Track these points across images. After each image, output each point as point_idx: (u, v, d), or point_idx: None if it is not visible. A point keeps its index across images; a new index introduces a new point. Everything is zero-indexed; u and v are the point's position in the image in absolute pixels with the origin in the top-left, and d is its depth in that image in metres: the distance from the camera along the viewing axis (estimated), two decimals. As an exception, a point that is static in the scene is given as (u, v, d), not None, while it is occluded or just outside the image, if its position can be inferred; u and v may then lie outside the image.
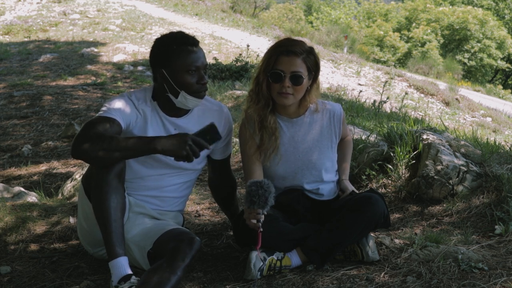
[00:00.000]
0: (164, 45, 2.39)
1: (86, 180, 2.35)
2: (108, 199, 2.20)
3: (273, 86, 2.49)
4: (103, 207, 2.20)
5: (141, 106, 2.43)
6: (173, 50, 2.35)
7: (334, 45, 22.48)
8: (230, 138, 2.70)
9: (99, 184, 2.21)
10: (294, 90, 2.47)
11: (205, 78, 2.40)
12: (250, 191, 2.24)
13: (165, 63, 2.37)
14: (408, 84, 14.74)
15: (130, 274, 2.13)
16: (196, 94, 2.40)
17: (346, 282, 2.31)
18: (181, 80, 2.36)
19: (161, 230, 2.32)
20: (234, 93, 7.54)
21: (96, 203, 2.23)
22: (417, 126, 4.38)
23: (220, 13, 21.33)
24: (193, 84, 2.37)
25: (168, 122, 2.48)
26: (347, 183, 2.73)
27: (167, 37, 2.42)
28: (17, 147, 5.58)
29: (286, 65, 2.45)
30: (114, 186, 2.22)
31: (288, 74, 2.45)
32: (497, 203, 2.98)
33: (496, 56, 31.43)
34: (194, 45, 2.39)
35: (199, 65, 2.37)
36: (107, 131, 2.22)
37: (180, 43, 2.37)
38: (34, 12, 18.37)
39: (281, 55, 2.46)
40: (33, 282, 2.47)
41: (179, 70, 2.36)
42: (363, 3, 40.42)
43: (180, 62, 2.35)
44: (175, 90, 2.38)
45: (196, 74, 2.38)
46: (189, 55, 2.36)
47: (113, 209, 2.20)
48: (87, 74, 9.86)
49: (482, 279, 2.23)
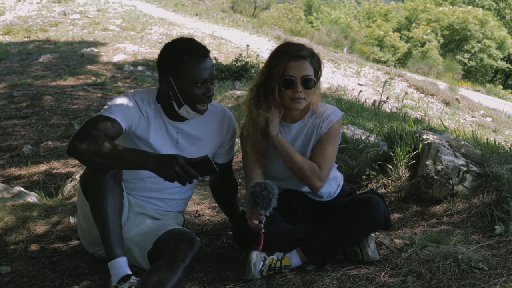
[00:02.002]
0: (175, 54, 2.36)
1: (83, 180, 2.34)
2: (105, 200, 2.20)
3: (284, 92, 2.47)
4: (100, 208, 2.20)
5: (145, 108, 2.42)
6: (183, 60, 2.33)
7: (334, 45, 22.48)
8: (233, 142, 2.69)
9: (96, 185, 2.21)
10: (305, 94, 2.47)
11: (211, 91, 2.39)
12: (253, 192, 2.23)
13: (174, 71, 2.36)
14: (408, 84, 14.74)
15: (130, 274, 2.13)
16: (199, 106, 2.39)
17: (346, 282, 2.31)
18: (188, 91, 2.35)
19: (161, 230, 2.32)
20: (234, 93, 7.53)
21: (93, 204, 2.23)
22: (417, 126, 4.38)
23: (220, 13, 21.31)
24: (199, 96, 2.36)
25: (171, 126, 2.47)
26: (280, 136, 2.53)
27: (178, 45, 2.39)
28: (17, 147, 5.58)
29: (296, 70, 2.44)
30: (111, 186, 2.21)
31: (299, 79, 2.45)
32: (497, 203, 2.98)
33: (496, 56, 31.42)
34: (204, 56, 2.37)
35: (207, 77, 2.36)
36: (107, 131, 2.21)
37: (191, 53, 2.34)
38: (34, 12, 18.36)
39: (289, 61, 2.45)
40: (33, 282, 2.47)
41: (187, 81, 2.34)
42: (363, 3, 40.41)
43: (189, 74, 2.33)
44: (180, 100, 2.38)
45: (203, 86, 2.36)
46: (198, 66, 2.34)
47: (110, 210, 2.19)
48: (87, 74, 9.86)
49: (482, 279, 2.23)
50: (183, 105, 2.38)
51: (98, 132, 2.17)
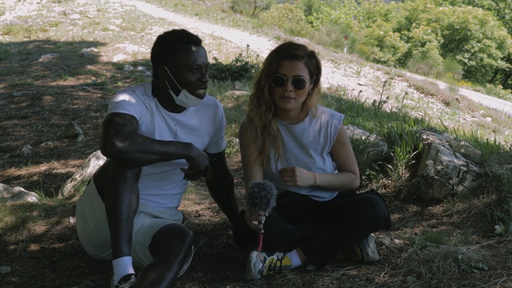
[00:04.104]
0: (168, 42, 2.41)
1: (100, 179, 2.35)
2: (123, 197, 2.20)
3: (275, 90, 2.49)
4: (117, 204, 2.19)
5: (147, 101, 2.44)
6: (177, 47, 2.38)
7: (334, 45, 22.47)
8: (223, 133, 2.75)
9: (115, 182, 2.21)
10: (296, 94, 2.47)
11: (206, 77, 2.44)
12: (252, 192, 2.24)
13: (168, 60, 2.40)
14: (408, 84, 14.75)
15: (131, 274, 2.13)
16: (197, 92, 2.42)
17: (346, 282, 2.31)
18: (183, 77, 2.39)
19: (157, 227, 2.33)
20: (234, 93, 7.54)
21: (110, 199, 2.22)
22: (417, 126, 4.38)
23: (220, 13, 21.31)
24: (194, 82, 2.40)
25: (169, 117, 2.49)
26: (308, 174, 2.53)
27: (170, 35, 2.45)
28: (17, 147, 5.58)
29: (288, 69, 2.45)
30: (130, 184, 2.22)
31: (290, 78, 2.45)
32: (497, 203, 2.98)
33: (496, 56, 31.44)
34: (197, 44, 2.43)
35: (201, 64, 2.41)
36: (132, 127, 2.23)
37: (184, 41, 2.40)
38: (34, 12, 18.36)
39: (283, 59, 2.46)
40: (33, 282, 2.47)
41: (181, 67, 2.38)
42: (363, 3, 40.43)
43: (183, 60, 2.38)
44: (177, 87, 2.40)
45: (197, 72, 2.41)
46: (192, 53, 2.39)
47: (126, 208, 2.19)
48: (87, 74, 9.86)
49: (482, 279, 2.23)
50: (181, 90, 2.40)
51: (128, 129, 2.19)
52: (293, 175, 2.48)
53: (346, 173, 2.65)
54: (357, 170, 2.68)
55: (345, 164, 2.66)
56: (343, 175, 2.65)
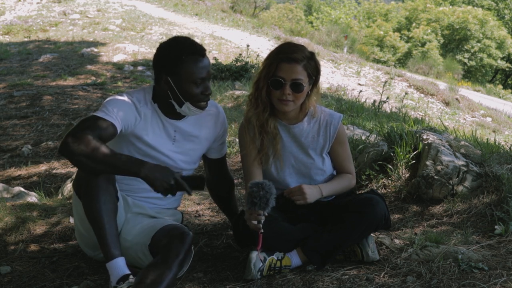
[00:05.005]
0: (173, 53, 2.36)
1: (76, 183, 2.33)
2: (98, 201, 2.19)
3: (273, 92, 2.48)
4: (94, 210, 2.19)
5: (142, 109, 2.42)
6: (181, 60, 2.34)
7: (334, 45, 22.47)
8: (225, 138, 2.73)
9: (88, 187, 2.21)
10: (294, 97, 2.47)
11: (209, 89, 2.42)
12: (251, 192, 2.24)
13: (172, 71, 2.36)
14: (408, 84, 14.75)
15: (128, 274, 2.13)
16: (199, 104, 2.41)
17: (346, 282, 2.31)
18: (187, 90, 2.37)
19: (157, 227, 2.33)
20: (234, 93, 7.54)
21: (86, 206, 2.22)
22: (417, 126, 4.38)
23: (220, 13, 21.31)
24: (197, 95, 2.39)
25: (169, 124, 2.48)
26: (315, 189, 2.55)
27: (175, 45, 2.40)
28: (17, 147, 5.58)
29: (287, 72, 2.44)
30: (103, 188, 2.21)
31: (288, 81, 2.44)
32: (497, 203, 2.98)
33: (496, 56, 31.44)
34: (202, 55, 2.39)
35: (205, 76, 2.38)
36: (102, 134, 2.19)
37: (189, 52, 2.35)
38: (34, 12, 18.36)
39: (282, 62, 2.45)
40: (33, 282, 2.48)
41: (185, 80, 2.35)
42: (363, 3, 40.41)
43: (188, 73, 2.35)
44: (180, 99, 2.39)
45: (201, 85, 2.39)
46: (197, 65, 2.36)
47: (104, 211, 2.19)
48: (87, 74, 9.86)
49: (482, 279, 2.23)
50: (184, 103, 2.39)
51: (93, 134, 2.13)
52: (302, 193, 2.48)
53: (345, 176, 2.67)
54: (353, 170, 2.71)
55: (343, 164, 2.67)
56: (342, 178, 2.66)
